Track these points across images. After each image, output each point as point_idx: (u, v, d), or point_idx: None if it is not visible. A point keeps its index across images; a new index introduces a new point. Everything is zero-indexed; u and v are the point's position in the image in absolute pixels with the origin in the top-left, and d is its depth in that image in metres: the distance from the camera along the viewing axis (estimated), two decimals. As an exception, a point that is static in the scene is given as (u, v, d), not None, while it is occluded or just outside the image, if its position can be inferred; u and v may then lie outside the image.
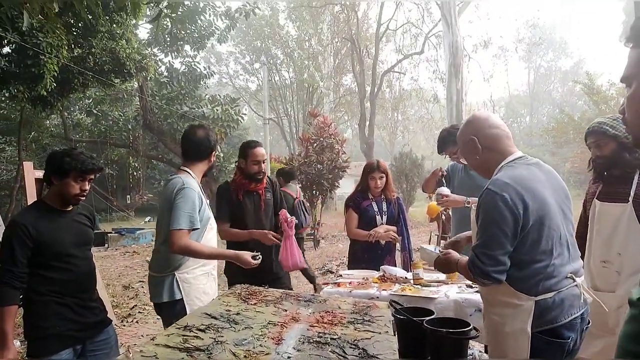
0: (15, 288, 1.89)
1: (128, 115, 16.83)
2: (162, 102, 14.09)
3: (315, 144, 10.86)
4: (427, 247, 2.28)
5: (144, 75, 10.87)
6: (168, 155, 16.63)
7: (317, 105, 23.45)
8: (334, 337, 1.56)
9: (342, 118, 30.21)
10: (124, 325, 4.65)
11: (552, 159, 18.71)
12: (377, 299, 2.30)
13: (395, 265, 3.20)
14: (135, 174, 19.83)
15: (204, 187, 2.55)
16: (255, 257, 2.38)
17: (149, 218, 17.10)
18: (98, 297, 2.21)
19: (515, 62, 48.54)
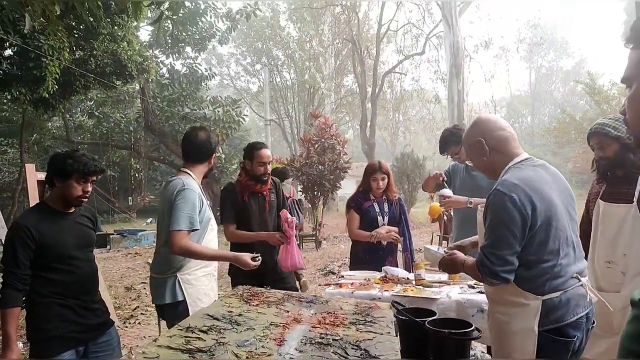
0: (18, 290, 1.90)
1: (130, 117, 16.88)
2: (163, 103, 14.12)
3: (317, 145, 10.86)
4: (431, 247, 2.27)
5: (146, 77, 10.90)
6: (170, 157, 16.67)
7: (318, 106, 23.46)
8: (336, 338, 1.56)
9: (343, 119, 30.21)
10: (127, 327, 4.65)
11: (553, 159, 18.67)
12: (379, 300, 2.29)
13: (397, 266, 3.19)
14: (137, 176, 19.87)
15: (205, 188, 2.55)
16: (255, 258, 2.38)
17: (151, 219, 17.10)
18: (100, 298, 2.21)
19: (517, 62, 48.65)
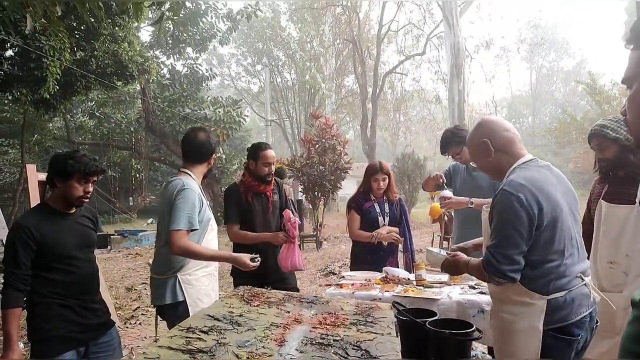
0: (19, 290, 1.90)
1: (130, 118, 16.92)
2: (164, 104, 14.14)
3: (317, 146, 10.86)
4: (433, 250, 2.27)
5: (146, 78, 10.93)
6: (170, 157, 16.68)
7: (319, 107, 23.48)
8: (337, 338, 1.56)
9: (344, 119, 30.20)
10: (127, 327, 4.65)
11: (554, 159, 18.64)
12: (379, 301, 2.29)
13: (398, 267, 3.19)
14: (138, 176, 19.90)
15: (205, 188, 2.55)
16: (254, 259, 2.38)
17: (152, 220, 17.10)
18: (101, 299, 2.21)
19: (517, 62, 48.60)
